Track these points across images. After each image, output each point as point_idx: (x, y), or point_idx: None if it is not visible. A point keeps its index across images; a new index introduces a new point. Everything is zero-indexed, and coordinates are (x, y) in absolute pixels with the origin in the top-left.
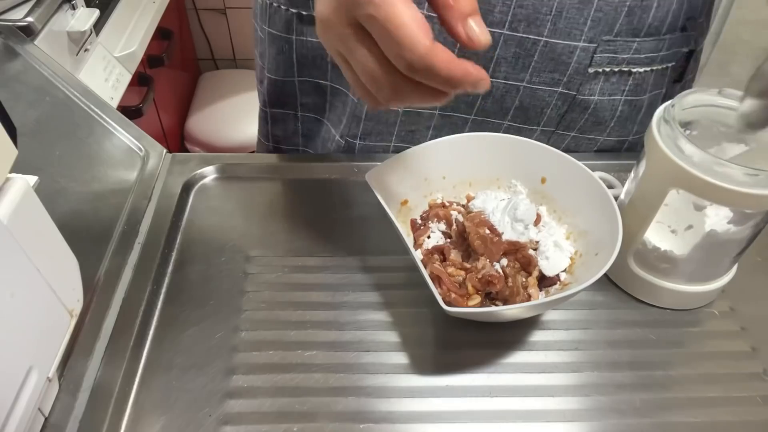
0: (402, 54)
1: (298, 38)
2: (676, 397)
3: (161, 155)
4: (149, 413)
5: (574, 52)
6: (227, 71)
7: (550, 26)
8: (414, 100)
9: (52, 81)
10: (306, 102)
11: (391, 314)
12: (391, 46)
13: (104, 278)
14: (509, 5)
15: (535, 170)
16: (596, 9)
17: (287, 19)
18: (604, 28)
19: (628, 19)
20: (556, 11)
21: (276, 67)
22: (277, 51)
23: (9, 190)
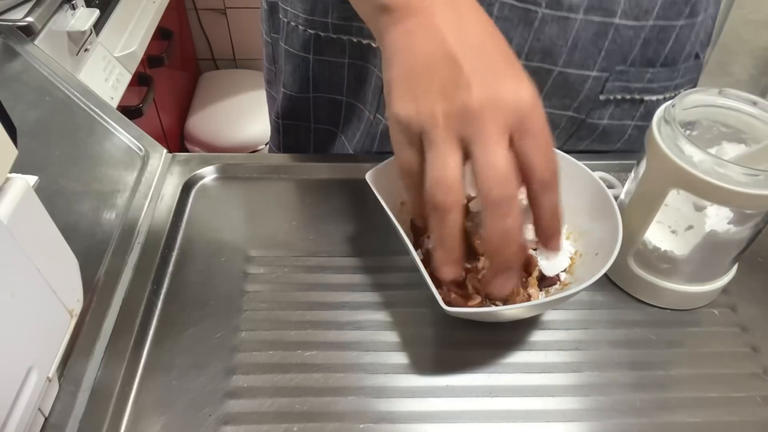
0: (554, 162)
1: (315, 57)
2: (676, 397)
3: (161, 155)
4: (149, 413)
5: (586, 81)
6: (227, 71)
7: (566, 57)
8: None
9: (52, 81)
10: (320, 115)
11: (391, 314)
12: (546, 157)
13: (104, 278)
14: (526, 38)
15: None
16: (611, 40)
17: (305, 39)
18: (618, 59)
19: (643, 51)
20: (572, 43)
21: (291, 83)
22: (293, 68)
23: (9, 190)
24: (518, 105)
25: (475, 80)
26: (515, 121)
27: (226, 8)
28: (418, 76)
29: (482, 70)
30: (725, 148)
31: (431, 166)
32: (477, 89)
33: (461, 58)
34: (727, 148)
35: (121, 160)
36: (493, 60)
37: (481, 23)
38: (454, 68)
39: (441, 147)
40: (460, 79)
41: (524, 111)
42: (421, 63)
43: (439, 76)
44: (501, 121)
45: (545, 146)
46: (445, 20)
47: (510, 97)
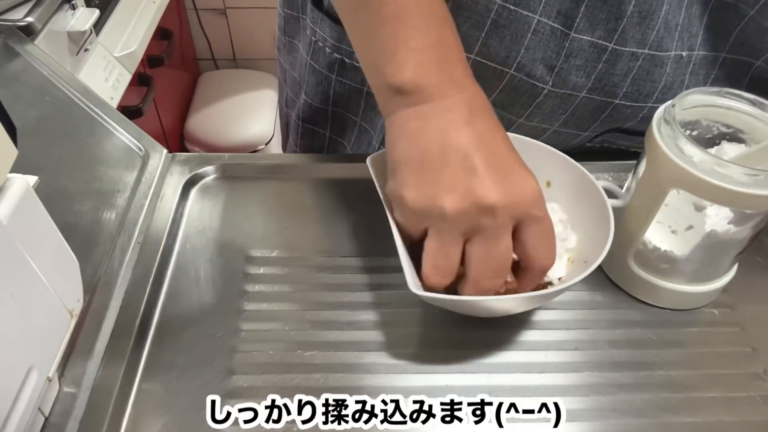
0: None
1: (338, 78)
2: (676, 397)
3: (161, 155)
4: (149, 413)
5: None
6: (227, 71)
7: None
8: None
9: (52, 81)
10: (335, 128)
11: (391, 314)
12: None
13: (104, 278)
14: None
15: (541, 173)
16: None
17: (331, 61)
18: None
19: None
20: (570, 113)
21: (313, 94)
22: (317, 82)
23: (9, 190)
24: (526, 197)
25: (488, 178)
26: (522, 213)
27: (226, 8)
28: (428, 163)
29: (492, 167)
30: (725, 148)
31: (432, 253)
32: (491, 188)
33: (474, 153)
34: (727, 148)
35: (121, 160)
36: (501, 156)
37: (489, 118)
38: (466, 163)
39: (445, 240)
40: (474, 176)
41: (530, 202)
42: (432, 150)
43: (450, 168)
44: (509, 215)
45: (548, 233)
46: (458, 113)
47: (519, 191)
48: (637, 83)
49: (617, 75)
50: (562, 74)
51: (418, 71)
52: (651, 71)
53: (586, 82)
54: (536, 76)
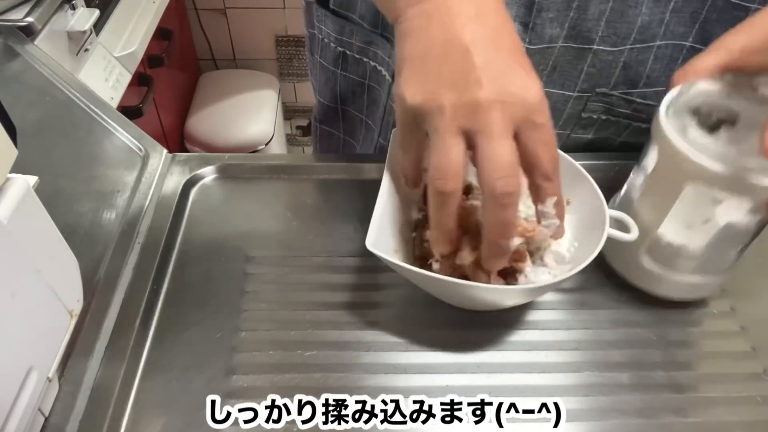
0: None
1: (342, 73)
2: (676, 397)
3: (161, 155)
4: (149, 413)
5: (568, 101)
6: (227, 71)
7: (546, 79)
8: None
9: (52, 81)
10: (346, 127)
11: (391, 314)
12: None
13: (104, 278)
14: None
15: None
16: (590, 64)
17: (335, 55)
18: (599, 81)
19: (624, 73)
20: (551, 67)
21: (324, 93)
22: (326, 80)
23: (9, 190)
24: (526, 100)
25: (485, 74)
26: (522, 116)
27: (226, 8)
28: (430, 61)
29: (493, 64)
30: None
31: (435, 153)
32: (487, 83)
33: (474, 50)
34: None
35: (121, 160)
36: (504, 55)
37: (497, 18)
38: (466, 59)
39: (445, 136)
40: (472, 71)
41: (531, 106)
42: (434, 49)
43: (450, 65)
44: (508, 115)
45: (549, 140)
46: (464, 10)
47: (518, 93)
48: (612, 26)
49: (590, 20)
50: (537, 30)
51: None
52: (625, 12)
53: (561, 32)
54: None
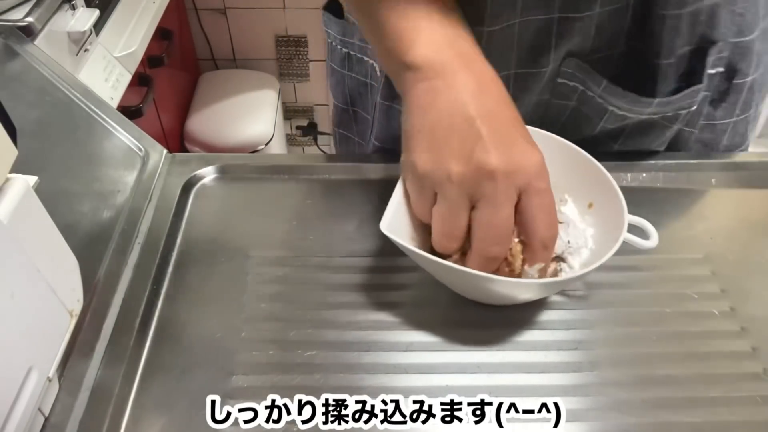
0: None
1: (348, 73)
2: (676, 397)
3: (161, 155)
4: (149, 413)
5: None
6: (227, 71)
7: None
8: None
9: (52, 81)
10: (359, 130)
11: (391, 314)
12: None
13: (104, 278)
14: None
15: (587, 193)
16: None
17: (342, 57)
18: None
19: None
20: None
21: (337, 94)
22: (336, 81)
23: (9, 190)
24: (528, 168)
25: (491, 145)
26: (524, 183)
27: (226, 8)
28: (438, 131)
29: (498, 135)
30: None
31: (440, 218)
32: (493, 153)
33: (480, 122)
34: None
35: (121, 160)
36: (507, 126)
37: (497, 92)
38: (473, 130)
39: (452, 204)
40: (479, 142)
41: (533, 174)
42: (442, 120)
43: (458, 135)
44: (512, 182)
45: (549, 205)
46: (467, 85)
47: (522, 161)
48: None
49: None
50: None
51: (429, 47)
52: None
53: (515, 6)
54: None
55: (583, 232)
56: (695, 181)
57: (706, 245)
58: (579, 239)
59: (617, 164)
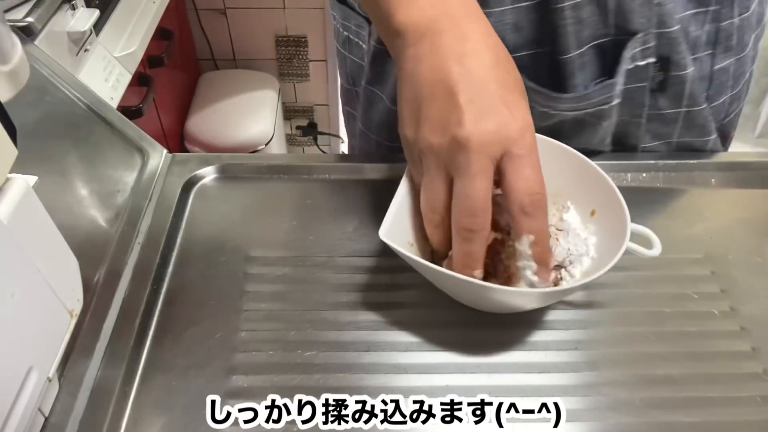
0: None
1: (349, 55)
2: (676, 397)
3: (161, 155)
4: (149, 413)
5: None
6: (227, 71)
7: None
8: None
9: (52, 81)
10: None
11: (391, 314)
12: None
13: (104, 278)
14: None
15: (589, 200)
16: None
17: (343, 39)
18: None
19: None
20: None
21: (342, 74)
22: (341, 62)
23: (9, 190)
24: (505, 136)
25: (466, 114)
26: (500, 152)
27: (226, 8)
28: (421, 103)
29: (475, 102)
30: None
31: (424, 188)
32: (466, 123)
33: (459, 90)
34: None
35: (121, 160)
36: (489, 92)
37: (487, 51)
38: (451, 100)
39: (432, 175)
40: (454, 112)
41: (510, 141)
42: (424, 90)
43: (437, 105)
44: (485, 155)
45: (528, 170)
46: (451, 50)
47: (497, 130)
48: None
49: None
50: None
51: (412, 10)
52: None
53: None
54: None
55: (584, 241)
56: (695, 181)
57: (706, 245)
58: (580, 247)
59: (617, 164)
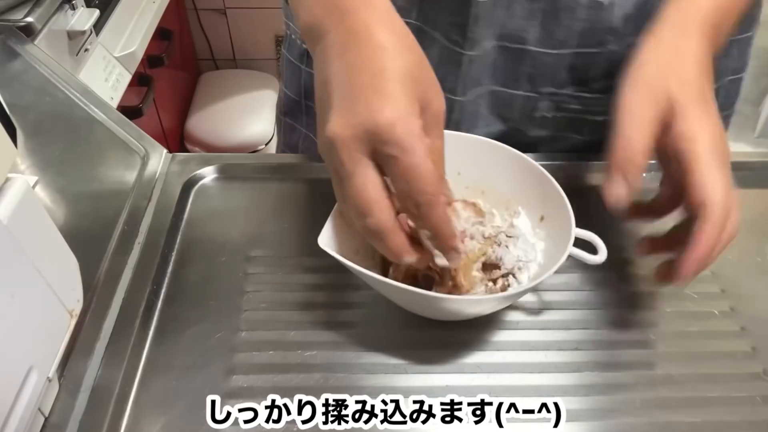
0: (415, 193)
1: (306, 69)
2: (676, 397)
3: (161, 155)
4: (149, 413)
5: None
6: (227, 71)
7: (491, 79)
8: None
9: (52, 81)
10: (308, 122)
11: (391, 314)
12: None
13: (104, 278)
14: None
15: (538, 205)
16: (529, 65)
17: (301, 52)
18: (544, 82)
19: (571, 75)
20: (492, 69)
21: (290, 85)
22: (292, 73)
23: (9, 190)
24: (369, 130)
25: (334, 110)
26: (372, 144)
27: (226, 8)
28: (314, 103)
29: (345, 97)
30: None
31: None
32: (333, 120)
33: (332, 87)
34: None
35: (121, 160)
36: (360, 86)
37: (364, 43)
38: (327, 99)
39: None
40: (327, 111)
41: (376, 137)
42: (316, 90)
43: (319, 104)
44: (354, 151)
45: (405, 168)
46: (334, 47)
47: (360, 124)
48: (546, 28)
49: (518, 18)
50: (475, 37)
51: (307, 12)
52: (557, 15)
53: (491, 31)
54: (453, 40)
55: (533, 246)
56: None
57: None
58: (529, 254)
59: None
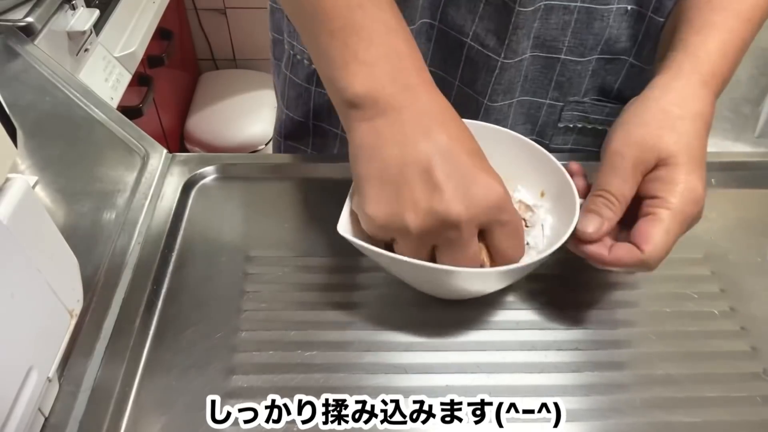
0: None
1: (317, 90)
2: (676, 397)
3: (161, 155)
4: (149, 413)
5: (541, 108)
6: (227, 71)
7: (520, 88)
8: None
9: (52, 81)
10: (317, 143)
11: (391, 314)
12: (515, 241)
13: (104, 278)
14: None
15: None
16: (559, 73)
17: (309, 72)
18: (570, 90)
19: (593, 80)
20: (523, 76)
21: (294, 108)
22: (296, 95)
23: (9, 190)
24: (490, 208)
25: (449, 192)
26: (487, 218)
27: (226, 8)
28: (389, 179)
29: (455, 178)
30: None
31: None
32: (453, 202)
33: (433, 167)
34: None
35: (121, 160)
36: (463, 164)
37: (450, 128)
38: (428, 179)
39: (412, 251)
40: (435, 191)
41: (496, 207)
42: (391, 167)
43: (411, 185)
44: (474, 225)
45: (516, 234)
46: (415, 125)
47: (483, 203)
48: (577, 36)
49: (554, 29)
50: (513, 45)
51: (369, 84)
52: (590, 24)
53: (529, 42)
54: (490, 47)
55: (539, 219)
56: None
57: (706, 245)
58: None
59: None
